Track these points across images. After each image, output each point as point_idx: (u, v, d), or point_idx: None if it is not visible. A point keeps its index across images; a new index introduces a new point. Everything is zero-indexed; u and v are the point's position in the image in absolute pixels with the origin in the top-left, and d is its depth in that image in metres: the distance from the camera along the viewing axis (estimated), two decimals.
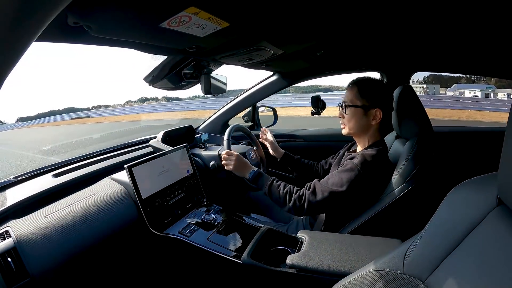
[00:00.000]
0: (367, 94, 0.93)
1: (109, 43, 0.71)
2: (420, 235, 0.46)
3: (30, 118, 15.83)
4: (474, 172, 0.49)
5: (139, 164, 0.95)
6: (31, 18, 0.23)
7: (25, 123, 15.14)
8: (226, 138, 1.13)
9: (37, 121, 15.25)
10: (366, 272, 0.49)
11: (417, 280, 0.43)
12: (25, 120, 15.48)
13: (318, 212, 0.95)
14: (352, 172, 0.87)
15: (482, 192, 0.41)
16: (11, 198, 0.82)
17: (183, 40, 0.73)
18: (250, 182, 1.03)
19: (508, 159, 0.35)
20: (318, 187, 0.90)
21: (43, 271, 0.65)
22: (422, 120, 0.96)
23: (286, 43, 0.97)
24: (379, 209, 0.89)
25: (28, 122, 15.37)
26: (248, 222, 1.06)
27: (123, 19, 0.56)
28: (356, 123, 0.96)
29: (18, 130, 14.26)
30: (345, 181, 0.86)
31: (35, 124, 14.84)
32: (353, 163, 0.89)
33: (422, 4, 0.69)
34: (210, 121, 1.71)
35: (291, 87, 14.90)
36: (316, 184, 0.91)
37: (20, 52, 0.25)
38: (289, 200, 0.91)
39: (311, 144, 1.66)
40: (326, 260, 0.73)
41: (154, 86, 1.17)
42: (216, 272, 0.91)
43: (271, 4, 0.63)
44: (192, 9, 0.55)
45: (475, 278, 0.36)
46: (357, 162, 0.88)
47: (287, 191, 0.92)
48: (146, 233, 0.92)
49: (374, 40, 1.09)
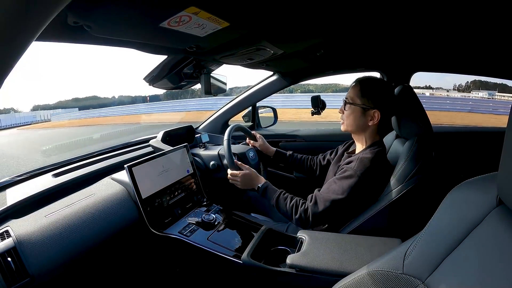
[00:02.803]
0: (368, 94, 0.94)
1: (109, 43, 0.71)
2: (420, 235, 0.46)
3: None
4: (474, 172, 0.49)
5: (139, 164, 0.95)
6: (31, 18, 0.23)
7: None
8: (226, 138, 1.13)
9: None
10: (366, 272, 0.49)
11: (417, 280, 0.43)
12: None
13: (324, 222, 0.96)
14: (351, 179, 0.88)
15: (482, 192, 0.41)
16: (11, 198, 0.82)
17: (183, 40, 0.73)
18: (259, 194, 1.04)
19: (508, 159, 0.35)
20: (319, 197, 0.91)
21: (43, 271, 0.65)
22: (421, 120, 0.96)
23: (286, 43, 0.97)
24: (379, 209, 0.89)
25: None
26: (248, 222, 1.06)
27: (123, 18, 0.56)
28: (354, 121, 0.96)
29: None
30: (346, 188, 0.88)
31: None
32: (352, 169, 0.89)
33: (422, 4, 0.69)
34: (210, 121, 1.71)
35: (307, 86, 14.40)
36: (317, 195, 0.93)
37: (20, 52, 0.25)
38: (295, 213, 0.93)
39: (311, 144, 1.66)
40: (326, 260, 0.73)
41: (154, 85, 1.16)
42: (216, 272, 0.91)
43: (271, 4, 0.63)
44: (192, 8, 0.55)
45: (475, 278, 0.36)
46: (356, 167, 0.89)
47: (293, 205, 0.94)
48: (146, 233, 0.92)
49: (374, 40, 1.09)
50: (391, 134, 1.16)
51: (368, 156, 0.91)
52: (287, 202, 0.96)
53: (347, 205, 0.89)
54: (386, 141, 1.02)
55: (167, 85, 1.19)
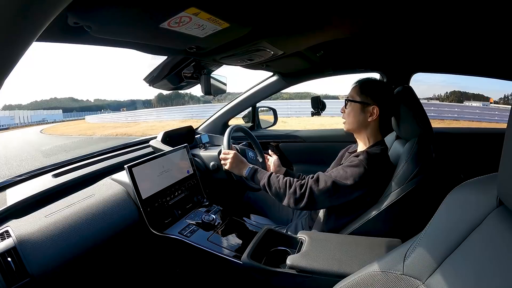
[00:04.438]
0: (367, 91, 0.96)
1: (109, 43, 0.71)
2: (420, 236, 0.46)
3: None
4: (474, 173, 0.49)
5: (139, 164, 0.95)
6: (32, 19, 0.23)
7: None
8: (226, 138, 1.13)
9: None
10: (366, 273, 0.49)
11: (417, 280, 0.43)
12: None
13: (318, 204, 0.89)
14: (357, 168, 0.87)
15: (482, 193, 0.41)
16: (11, 198, 0.82)
17: (183, 40, 0.73)
18: (248, 179, 1.03)
19: (508, 160, 0.35)
20: (322, 176, 0.90)
21: (43, 271, 0.65)
22: (422, 121, 0.96)
23: (286, 43, 0.97)
24: (379, 210, 0.88)
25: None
26: (247, 222, 1.06)
27: (123, 19, 0.56)
28: (354, 118, 0.97)
29: None
30: (350, 175, 0.87)
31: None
32: (359, 160, 0.89)
33: (422, 4, 0.69)
34: (210, 121, 1.71)
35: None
36: (320, 174, 0.91)
37: (20, 52, 0.25)
38: (289, 187, 0.90)
39: (311, 145, 1.66)
40: (326, 261, 0.73)
41: (154, 86, 1.17)
42: (216, 273, 0.91)
43: (271, 4, 0.63)
44: (192, 9, 0.55)
45: (476, 279, 0.36)
46: (363, 158, 0.89)
47: (287, 180, 0.92)
48: (146, 234, 0.92)
49: (374, 41, 1.10)
50: (391, 135, 1.16)
51: (376, 152, 0.92)
52: (279, 179, 0.93)
53: (346, 194, 0.87)
54: (386, 142, 1.01)
55: (167, 86, 1.19)
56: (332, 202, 0.89)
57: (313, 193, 0.87)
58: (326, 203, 0.90)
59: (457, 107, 11.92)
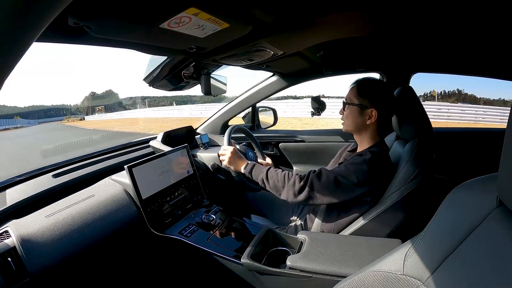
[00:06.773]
0: (365, 93, 0.94)
1: (109, 43, 0.71)
2: (420, 236, 0.46)
3: None
4: (474, 173, 0.49)
5: (139, 165, 0.95)
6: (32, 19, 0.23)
7: None
8: (226, 138, 1.13)
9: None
10: (366, 273, 0.49)
11: (417, 281, 0.43)
12: None
13: (317, 199, 0.86)
14: (360, 166, 0.87)
15: (482, 193, 0.41)
16: (11, 198, 0.82)
17: (183, 40, 0.73)
18: (246, 175, 1.03)
19: (508, 160, 0.35)
20: (324, 171, 0.89)
21: (43, 271, 0.65)
22: (422, 121, 0.96)
23: (286, 44, 0.97)
24: (380, 210, 0.88)
25: None
26: (247, 223, 1.06)
27: (123, 19, 0.56)
28: (352, 121, 0.97)
29: None
30: (352, 172, 0.86)
31: None
32: (363, 158, 0.89)
33: (422, 5, 0.69)
34: (210, 121, 1.71)
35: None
36: (322, 169, 0.91)
37: (20, 53, 0.25)
38: (288, 179, 0.90)
39: (311, 144, 1.66)
40: (326, 261, 0.73)
41: (154, 86, 1.17)
42: (216, 273, 0.90)
43: (271, 4, 0.63)
44: (192, 9, 0.55)
45: (476, 280, 0.36)
46: (367, 157, 0.88)
47: (285, 173, 0.92)
48: (146, 234, 0.92)
49: (374, 41, 1.10)
50: (391, 135, 1.16)
51: (378, 152, 0.92)
52: (278, 172, 0.93)
53: (347, 192, 0.86)
54: (386, 143, 1.01)
55: (167, 86, 1.19)
56: (333, 198, 0.87)
57: (313, 187, 0.86)
58: (326, 199, 0.87)
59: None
